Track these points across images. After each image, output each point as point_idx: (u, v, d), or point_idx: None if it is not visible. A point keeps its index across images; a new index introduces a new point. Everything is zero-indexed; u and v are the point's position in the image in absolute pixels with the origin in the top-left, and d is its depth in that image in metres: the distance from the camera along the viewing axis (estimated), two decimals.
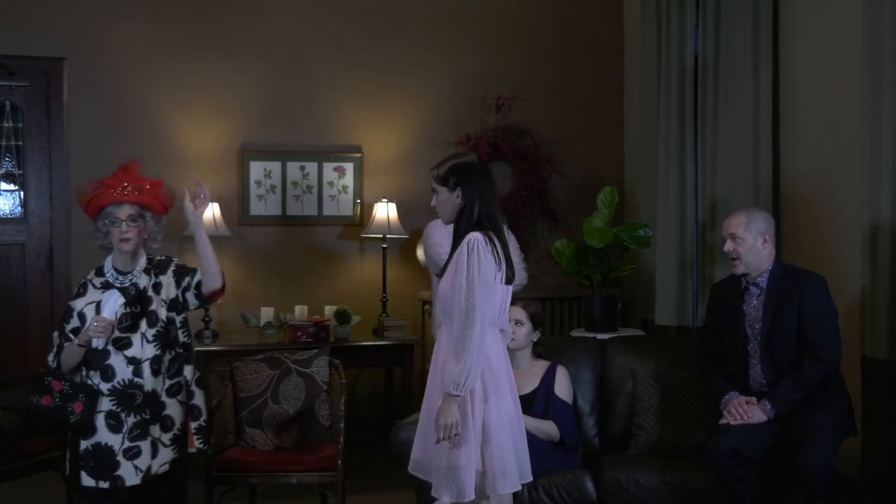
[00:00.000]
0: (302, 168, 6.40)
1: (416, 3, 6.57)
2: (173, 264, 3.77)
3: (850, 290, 4.37)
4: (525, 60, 6.69)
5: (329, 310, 6.06)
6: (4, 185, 6.12)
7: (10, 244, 6.06)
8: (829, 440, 3.84)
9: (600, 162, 6.69)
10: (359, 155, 6.47)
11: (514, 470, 3.41)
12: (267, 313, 6.05)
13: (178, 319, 3.72)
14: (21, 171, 6.10)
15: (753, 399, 3.99)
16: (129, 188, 3.64)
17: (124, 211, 3.63)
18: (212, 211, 5.93)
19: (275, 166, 6.35)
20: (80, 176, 6.02)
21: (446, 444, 3.29)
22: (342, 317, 5.92)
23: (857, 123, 4.35)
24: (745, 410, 3.95)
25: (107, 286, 3.67)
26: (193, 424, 3.75)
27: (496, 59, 6.64)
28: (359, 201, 6.46)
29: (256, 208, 6.34)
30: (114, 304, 3.55)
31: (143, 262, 3.72)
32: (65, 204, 6.07)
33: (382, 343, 6.00)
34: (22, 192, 6.11)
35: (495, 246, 3.37)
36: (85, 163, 6.05)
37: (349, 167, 6.45)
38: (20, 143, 6.08)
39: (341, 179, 6.46)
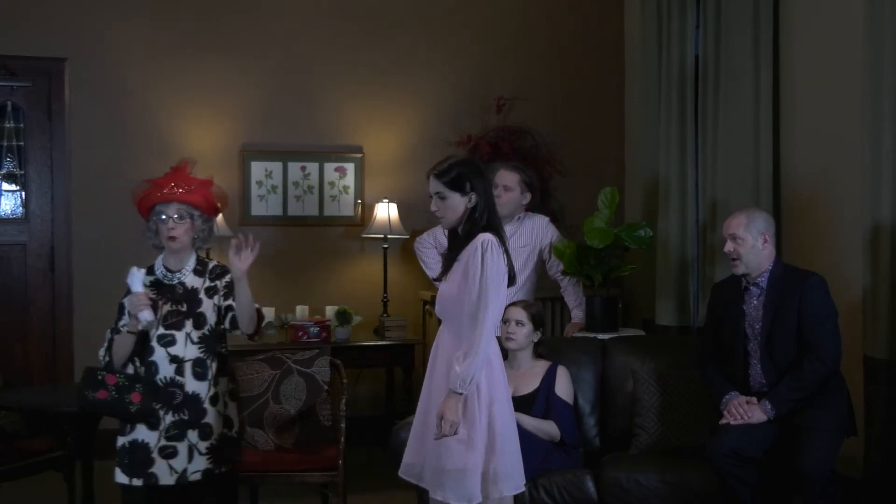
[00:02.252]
0: (303, 168, 6.40)
1: (416, 3, 6.57)
2: (229, 276, 3.71)
3: (851, 290, 4.37)
4: (526, 61, 6.69)
5: (330, 310, 6.06)
6: (6, 186, 6.13)
7: (11, 244, 6.07)
8: (830, 440, 3.84)
9: (601, 162, 6.69)
10: (360, 155, 6.48)
11: (519, 471, 3.41)
12: (268, 313, 6.05)
13: (219, 329, 3.75)
14: (22, 172, 6.10)
15: (754, 399, 3.99)
16: (178, 187, 3.65)
17: (172, 209, 3.65)
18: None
19: (276, 166, 6.36)
20: (81, 176, 6.06)
21: (454, 446, 3.26)
22: (343, 317, 5.93)
23: (858, 123, 4.34)
24: (745, 410, 3.96)
25: (157, 284, 3.70)
26: (229, 434, 3.77)
27: (497, 60, 6.64)
28: (360, 201, 6.46)
29: (257, 208, 6.34)
30: (138, 279, 3.55)
31: (192, 261, 3.75)
32: (66, 204, 6.09)
33: (383, 343, 6.01)
34: (23, 193, 6.12)
35: (505, 248, 3.38)
36: (86, 163, 6.07)
37: (350, 167, 6.46)
38: (21, 143, 6.09)
39: (342, 180, 6.46)
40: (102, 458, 4.97)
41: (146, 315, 3.51)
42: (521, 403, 4.12)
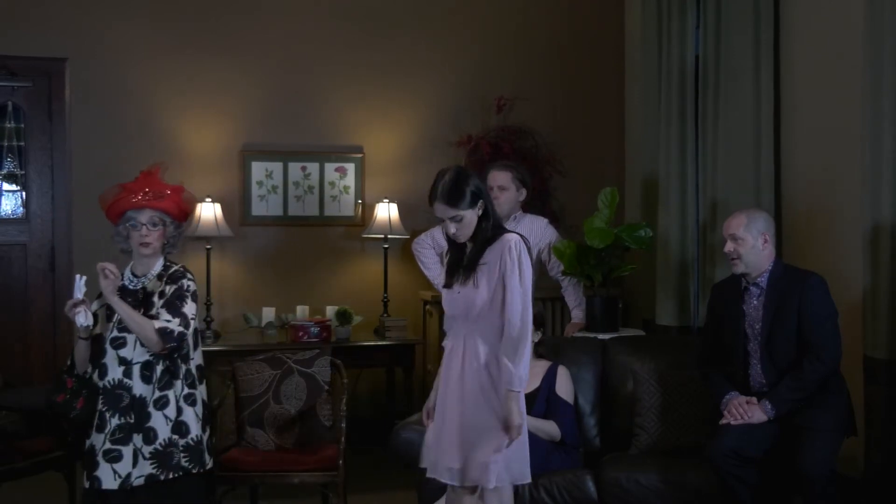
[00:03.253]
0: (303, 168, 6.41)
1: (416, 3, 6.58)
2: (183, 281, 3.70)
3: (851, 290, 4.37)
4: (526, 61, 6.69)
5: (330, 310, 6.06)
6: (6, 186, 6.14)
7: (11, 244, 6.07)
8: (829, 440, 3.84)
9: (601, 162, 6.69)
10: (360, 155, 6.48)
11: (527, 464, 3.49)
12: (268, 313, 6.06)
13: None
14: (23, 172, 6.11)
15: (754, 399, 3.99)
16: (150, 193, 3.66)
17: (145, 215, 3.66)
18: (213, 211, 5.95)
19: (276, 167, 6.36)
20: (81, 176, 6.05)
21: (502, 437, 3.35)
22: (343, 317, 5.93)
23: (858, 123, 4.34)
24: (745, 410, 3.96)
25: (122, 289, 3.69)
26: (181, 441, 3.65)
27: (497, 60, 6.64)
28: (360, 201, 6.47)
29: (258, 208, 6.34)
30: (77, 287, 3.56)
31: (158, 266, 3.75)
32: (66, 204, 6.09)
33: (384, 343, 6.01)
34: (24, 193, 6.12)
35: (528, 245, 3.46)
36: (86, 163, 6.06)
37: (350, 167, 6.46)
38: (22, 143, 6.09)
39: (343, 180, 6.47)
40: None
41: (81, 319, 3.53)
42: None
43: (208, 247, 5.99)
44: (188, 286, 3.71)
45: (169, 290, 3.69)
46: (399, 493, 5.16)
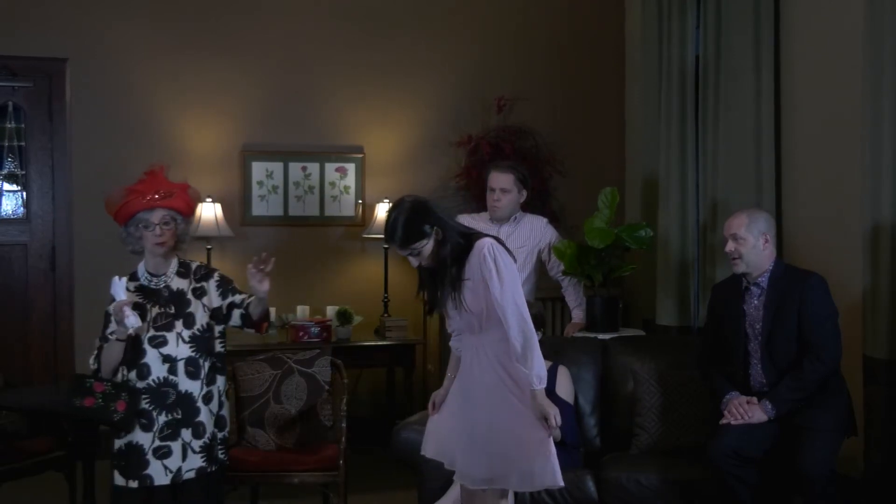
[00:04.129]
0: (304, 168, 6.41)
1: (417, 3, 6.58)
2: (216, 274, 3.82)
3: (852, 290, 4.37)
4: (526, 61, 6.70)
5: (331, 310, 6.07)
6: (7, 186, 6.14)
7: (12, 244, 6.08)
8: (830, 440, 3.84)
9: (601, 162, 6.69)
10: (360, 155, 6.48)
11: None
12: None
13: (218, 329, 3.77)
14: (23, 172, 6.11)
15: (754, 399, 3.99)
16: (161, 194, 3.67)
17: (157, 215, 3.68)
18: (213, 211, 5.95)
19: (276, 167, 6.37)
20: (82, 176, 6.06)
21: (534, 441, 3.33)
22: (344, 317, 5.94)
23: (858, 123, 4.34)
24: (745, 410, 3.96)
25: (141, 290, 3.72)
26: (220, 434, 3.79)
27: (497, 60, 6.65)
28: (360, 201, 6.47)
29: (258, 209, 6.35)
30: (120, 287, 3.57)
31: (174, 264, 3.77)
32: (67, 204, 6.10)
33: (384, 343, 6.01)
34: (24, 193, 6.13)
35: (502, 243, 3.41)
36: (87, 163, 6.07)
37: (351, 167, 6.46)
38: (22, 143, 6.09)
39: (343, 180, 6.47)
40: (103, 458, 4.98)
41: (133, 321, 3.53)
42: None
43: (209, 247, 5.99)
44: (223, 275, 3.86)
45: (213, 283, 3.78)
46: (399, 492, 5.16)
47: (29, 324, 6.07)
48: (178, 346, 3.64)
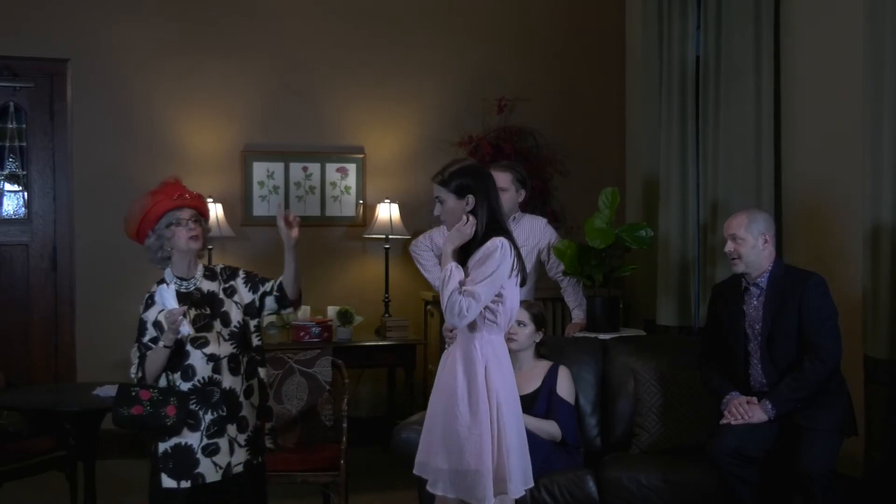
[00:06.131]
0: (304, 169, 6.42)
1: (417, 4, 6.59)
2: (241, 272, 3.84)
3: (852, 290, 4.37)
4: (527, 61, 6.70)
5: (332, 310, 6.07)
6: (8, 186, 6.15)
7: (13, 245, 6.08)
8: (830, 440, 3.85)
9: (602, 163, 6.70)
10: (361, 156, 6.49)
11: (528, 470, 3.43)
12: None
13: (253, 323, 3.79)
14: (25, 172, 6.12)
15: (754, 399, 4.00)
16: (188, 194, 3.71)
17: (187, 212, 3.68)
18: (215, 211, 5.96)
19: (277, 167, 6.37)
20: (83, 177, 6.07)
21: (468, 448, 3.26)
22: (345, 317, 5.94)
23: (859, 124, 4.35)
24: (745, 410, 3.96)
25: (177, 294, 3.71)
26: (268, 425, 3.83)
27: (498, 60, 6.65)
28: (361, 202, 6.48)
29: (259, 209, 6.35)
30: (170, 295, 3.57)
31: (200, 267, 3.77)
32: (68, 204, 6.10)
33: (385, 343, 6.02)
34: (25, 193, 6.14)
35: (517, 251, 3.38)
36: (88, 164, 6.08)
37: (352, 168, 6.47)
38: (24, 144, 6.10)
39: (344, 180, 6.48)
40: (104, 458, 4.99)
41: (186, 329, 3.54)
42: (523, 403, 4.09)
43: (210, 247, 5.98)
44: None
45: (241, 280, 3.81)
46: (400, 492, 5.17)
47: (30, 324, 6.07)
48: (220, 345, 3.65)
